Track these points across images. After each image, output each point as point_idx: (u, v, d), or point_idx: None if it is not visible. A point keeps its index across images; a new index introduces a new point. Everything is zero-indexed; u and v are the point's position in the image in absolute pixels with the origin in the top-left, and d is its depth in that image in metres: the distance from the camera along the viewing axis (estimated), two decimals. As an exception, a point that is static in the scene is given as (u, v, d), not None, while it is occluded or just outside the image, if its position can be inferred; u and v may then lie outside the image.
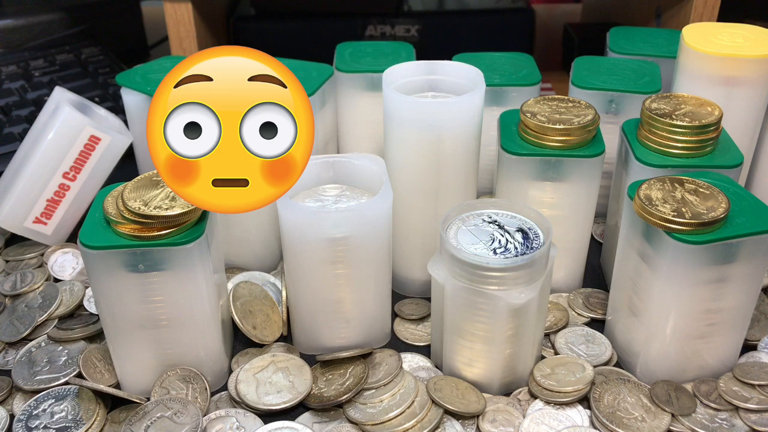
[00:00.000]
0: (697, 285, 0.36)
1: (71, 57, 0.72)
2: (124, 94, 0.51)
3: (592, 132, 0.42)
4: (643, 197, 0.36)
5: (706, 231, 0.35)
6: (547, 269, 0.37)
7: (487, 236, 0.38)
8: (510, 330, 0.37)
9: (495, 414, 0.38)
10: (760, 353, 0.42)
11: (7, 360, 0.42)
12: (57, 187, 0.49)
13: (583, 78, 0.50)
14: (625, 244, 0.40)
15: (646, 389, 0.38)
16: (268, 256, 0.49)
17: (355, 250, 0.39)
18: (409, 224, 0.45)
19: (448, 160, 0.42)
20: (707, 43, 0.46)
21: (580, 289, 0.47)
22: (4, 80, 0.67)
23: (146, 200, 0.35)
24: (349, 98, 0.53)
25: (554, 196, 0.43)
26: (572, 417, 0.37)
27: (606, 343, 0.42)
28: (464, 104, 0.41)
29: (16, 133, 0.60)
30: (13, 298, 0.46)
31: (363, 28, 0.74)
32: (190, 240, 0.35)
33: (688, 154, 0.41)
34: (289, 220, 0.38)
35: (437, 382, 0.39)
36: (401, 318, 0.45)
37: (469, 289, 0.36)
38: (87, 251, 0.35)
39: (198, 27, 0.62)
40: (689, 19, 0.59)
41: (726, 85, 0.46)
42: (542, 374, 0.39)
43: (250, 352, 0.42)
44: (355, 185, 0.43)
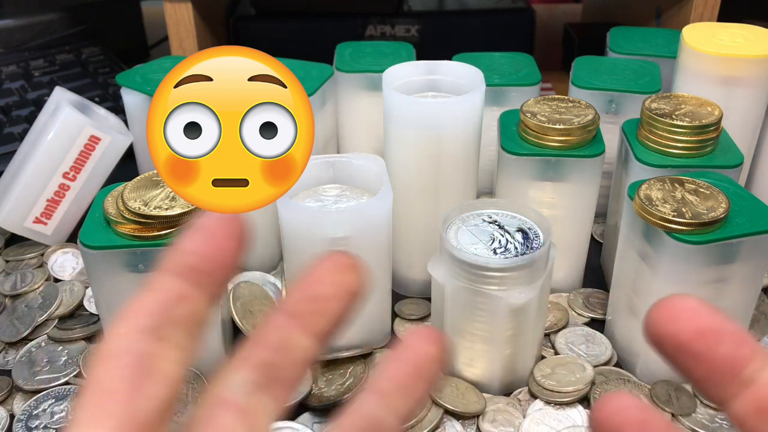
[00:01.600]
0: (697, 285, 0.36)
1: (71, 57, 0.72)
2: (124, 94, 0.51)
3: (592, 132, 0.42)
4: (643, 197, 0.36)
5: (706, 231, 0.35)
6: (547, 269, 0.37)
7: (487, 236, 0.38)
8: (510, 330, 0.37)
9: (495, 414, 0.38)
10: (760, 353, 0.41)
11: (7, 360, 0.42)
12: (57, 187, 0.49)
13: (583, 78, 0.50)
14: (625, 244, 0.40)
15: (646, 389, 0.38)
16: (268, 256, 0.49)
17: (355, 250, 0.39)
18: (409, 224, 0.45)
19: (448, 160, 0.42)
20: (707, 43, 0.46)
21: (580, 289, 0.47)
22: (4, 80, 0.67)
23: (146, 200, 0.35)
24: (349, 98, 0.53)
25: (554, 196, 0.43)
26: (572, 417, 0.37)
27: (606, 343, 0.42)
28: (464, 104, 0.41)
29: (16, 133, 0.60)
30: (13, 298, 0.46)
31: (363, 28, 0.74)
32: (190, 240, 0.35)
33: (688, 154, 0.41)
34: (289, 220, 0.38)
35: (437, 383, 0.39)
36: (401, 318, 0.45)
37: (469, 289, 0.36)
38: (87, 251, 0.35)
39: (198, 27, 0.61)
40: (689, 19, 0.59)
41: (726, 85, 0.46)
42: (542, 374, 0.39)
43: (250, 352, 0.42)
44: (355, 185, 0.43)
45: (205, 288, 0.20)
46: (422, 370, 0.21)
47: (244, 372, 0.20)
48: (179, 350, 0.19)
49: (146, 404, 0.18)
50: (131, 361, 0.19)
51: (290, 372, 0.20)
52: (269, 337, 0.20)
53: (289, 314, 0.21)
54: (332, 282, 0.21)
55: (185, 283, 0.20)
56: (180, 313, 0.20)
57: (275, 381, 0.20)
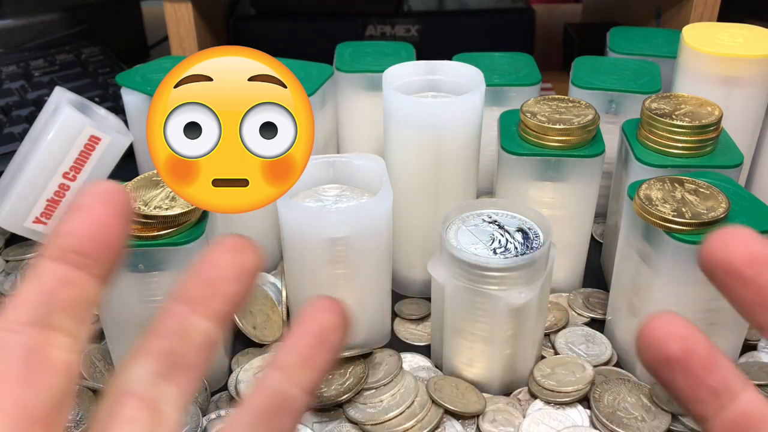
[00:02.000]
0: (696, 285, 0.36)
1: (71, 57, 0.72)
2: (124, 94, 0.51)
3: (592, 132, 0.42)
4: (643, 197, 0.36)
5: (706, 231, 0.35)
6: (547, 269, 0.37)
7: (487, 236, 0.38)
8: (510, 330, 0.37)
9: (495, 414, 0.38)
10: (760, 353, 0.41)
11: (7, 360, 0.42)
12: (57, 187, 0.48)
13: (583, 78, 0.50)
14: (625, 244, 0.40)
15: (646, 389, 0.38)
16: (268, 256, 0.49)
17: (355, 250, 0.39)
18: (409, 224, 0.45)
19: (448, 160, 0.42)
20: (707, 43, 0.46)
21: (580, 289, 0.47)
22: (4, 80, 0.67)
23: (146, 200, 0.35)
24: (349, 98, 0.53)
25: (554, 196, 0.43)
26: (572, 417, 0.37)
27: (606, 343, 0.42)
28: (464, 104, 0.41)
29: (16, 133, 0.60)
30: (13, 298, 0.46)
31: (363, 28, 0.74)
32: (190, 240, 0.35)
33: (688, 154, 0.41)
34: (289, 220, 0.38)
35: (437, 382, 0.39)
36: (401, 318, 0.45)
37: (469, 289, 0.36)
38: (87, 251, 0.35)
39: (198, 27, 0.61)
40: (689, 19, 0.59)
41: (726, 85, 0.46)
42: (542, 374, 0.39)
43: (250, 352, 0.42)
44: (355, 185, 0.43)
45: (90, 269, 0.20)
46: (324, 341, 0.21)
47: (144, 363, 0.20)
48: (69, 336, 0.19)
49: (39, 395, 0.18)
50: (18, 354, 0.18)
51: (192, 358, 0.20)
52: (167, 326, 0.20)
53: (185, 300, 0.20)
54: (225, 264, 0.21)
55: (67, 267, 0.20)
56: (64, 299, 0.19)
57: (177, 368, 0.20)
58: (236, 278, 0.21)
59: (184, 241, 0.35)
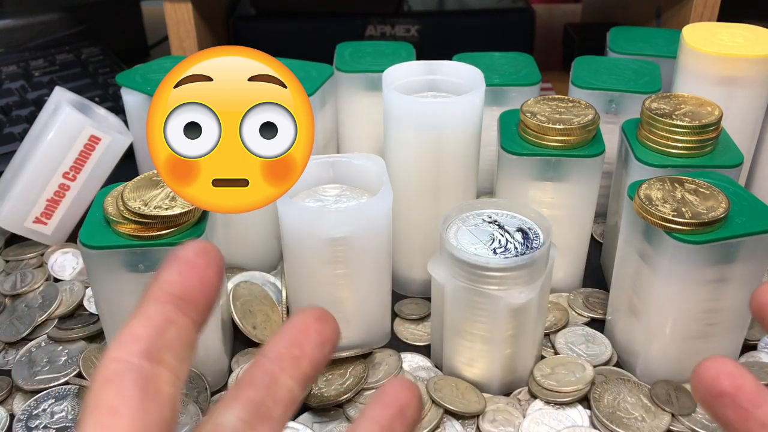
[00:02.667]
0: (696, 285, 0.36)
1: (71, 57, 0.72)
2: (124, 94, 0.51)
3: (592, 132, 0.42)
4: (643, 197, 0.36)
5: (706, 231, 0.35)
6: (547, 269, 0.37)
7: (487, 236, 0.38)
8: (510, 330, 0.37)
9: (495, 414, 0.38)
10: (760, 353, 0.42)
11: (7, 360, 0.42)
12: (57, 187, 0.49)
13: (583, 78, 0.50)
14: (625, 244, 0.40)
15: (646, 389, 0.38)
16: (268, 256, 0.49)
17: (355, 250, 0.39)
18: (409, 224, 0.45)
19: (448, 160, 0.42)
20: (707, 43, 0.46)
21: (580, 289, 0.47)
22: (4, 80, 0.67)
23: (146, 200, 0.35)
24: (349, 98, 0.53)
25: (554, 196, 0.43)
26: (572, 417, 0.37)
27: (606, 343, 0.42)
28: (464, 104, 0.41)
29: (16, 133, 0.60)
30: (13, 298, 0.46)
31: (363, 28, 0.74)
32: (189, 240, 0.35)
33: (688, 154, 0.41)
34: (289, 220, 0.38)
35: (437, 382, 0.39)
36: (401, 318, 0.45)
37: (469, 289, 0.36)
38: (87, 251, 0.35)
39: (198, 27, 0.62)
40: (689, 19, 0.59)
41: (726, 85, 0.46)
42: (542, 374, 0.39)
43: (250, 352, 0.42)
44: (355, 185, 0.43)
45: (190, 314, 0.22)
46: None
47: (234, 410, 0.21)
48: (172, 372, 0.21)
49: (153, 422, 0.19)
50: (133, 381, 0.19)
51: (277, 410, 0.22)
52: (257, 378, 0.22)
53: (276, 359, 0.22)
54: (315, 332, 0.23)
55: (173, 309, 0.21)
56: (170, 337, 0.21)
57: (263, 418, 0.21)
58: (321, 346, 0.23)
59: (184, 241, 0.35)
